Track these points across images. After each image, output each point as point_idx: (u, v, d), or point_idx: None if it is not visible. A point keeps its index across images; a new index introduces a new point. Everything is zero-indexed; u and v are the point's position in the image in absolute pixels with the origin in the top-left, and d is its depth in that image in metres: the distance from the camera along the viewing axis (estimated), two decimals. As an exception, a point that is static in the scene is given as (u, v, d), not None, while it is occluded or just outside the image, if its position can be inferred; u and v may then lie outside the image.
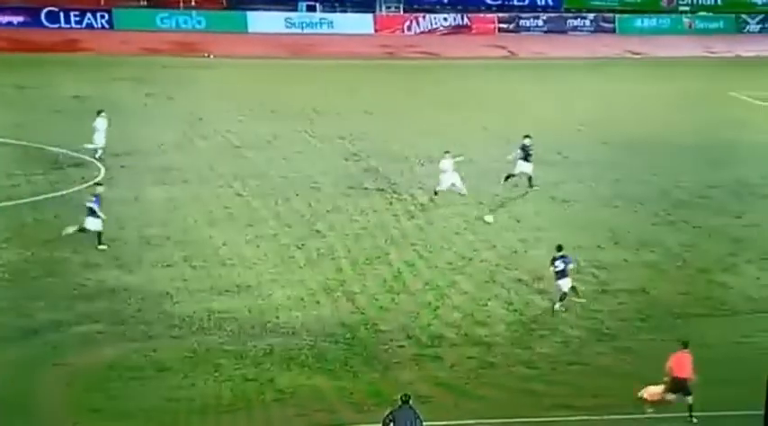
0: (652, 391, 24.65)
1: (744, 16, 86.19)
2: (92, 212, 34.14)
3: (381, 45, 75.65)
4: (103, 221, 34.21)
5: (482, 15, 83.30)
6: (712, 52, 77.10)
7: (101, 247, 34.00)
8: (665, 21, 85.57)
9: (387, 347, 27.95)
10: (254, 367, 26.65)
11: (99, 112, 43.96)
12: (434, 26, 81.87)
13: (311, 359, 27.10)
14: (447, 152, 39.68)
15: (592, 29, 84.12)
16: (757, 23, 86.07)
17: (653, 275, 33.41)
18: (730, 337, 29.23)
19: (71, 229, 34.09)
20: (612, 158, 46.60)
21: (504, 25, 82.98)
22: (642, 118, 54.07)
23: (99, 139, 43.45)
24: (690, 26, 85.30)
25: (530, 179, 41.18)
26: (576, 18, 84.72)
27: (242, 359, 26.98)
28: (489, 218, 37.33)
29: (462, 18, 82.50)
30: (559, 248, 30.88)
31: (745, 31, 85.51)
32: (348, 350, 27.73)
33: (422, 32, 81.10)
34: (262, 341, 27.99)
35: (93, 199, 34.44)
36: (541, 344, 28.47)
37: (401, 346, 28.03)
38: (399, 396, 22.12)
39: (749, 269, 34.20)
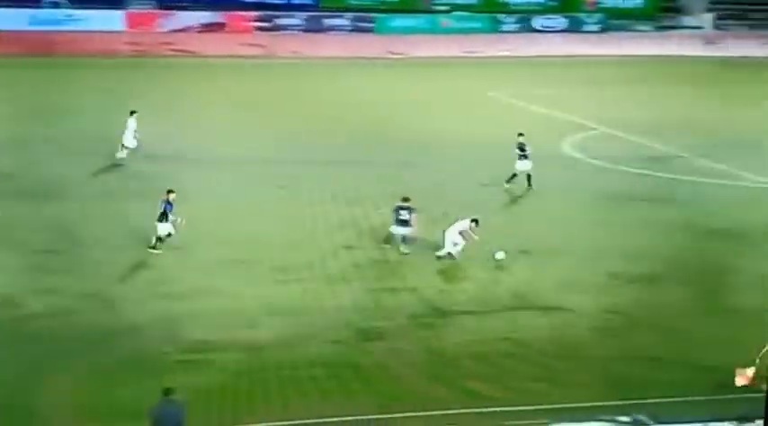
0: (747, 374, 24.94)
1: (500, 16, 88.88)
2: None
3: (133, 42, 74.40)
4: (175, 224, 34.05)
5: (237, 13, 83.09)
6: (469, 52, 79.05)
7: None
8: (423, 20, 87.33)
9: (152, 354, 27.31)
10: None
11: (132, 113, 44.40)
12: (189, 24, 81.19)
13: (70, 367, 26.25)
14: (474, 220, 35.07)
15: (350, 28, 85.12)
16: (513, 23, 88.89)
17: (422, 272, 33.82)
18: (498, 333, 29.77)
19: None
20: (372, 159, 47.09)
21: (261, 23, 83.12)
22: (403, 118, 54.92)
23: (129, 140, 44.22)
24: (446, 26, 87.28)
25: (528, 177, 42.42)
26: (333, 17, 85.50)
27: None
28: (500, 255, 34.51)
29: (217, 16, 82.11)
30: (406, 199, 34.68)
31: (501, 30, 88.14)
32: (108, 357, 26.95)
33: (176, 30, 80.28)
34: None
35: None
36: (311, 346, 28.34)
37: (166, 352, 27.44)
38: (161, 390, 21.56)
39: (515, 264, 35.02)
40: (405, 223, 34.93)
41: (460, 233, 34.53)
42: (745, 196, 43.65)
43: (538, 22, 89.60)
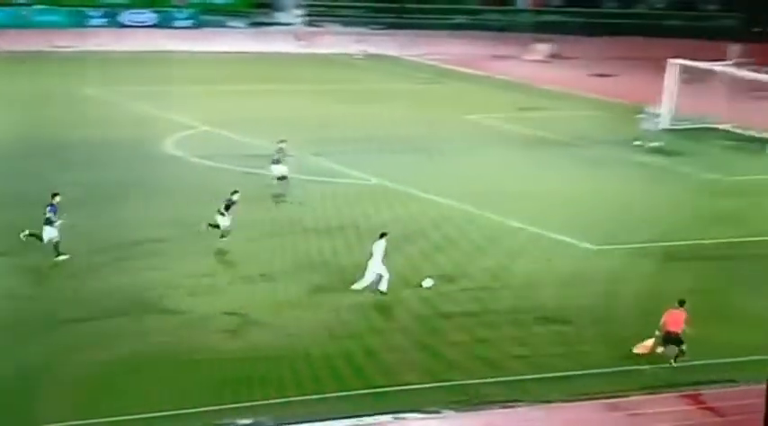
0: (645, 345, 29.11)
1: (86, 10, 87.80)
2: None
3: None
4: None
5: None
6: (58, 47, 77.53)
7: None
8: (3, 13, 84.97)
9: None
10: None
11: None
12: None
13: None
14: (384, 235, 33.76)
15: None
16: (100, 17, 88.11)
17: (31, 280, 33.25)
18: (110, 339, 29.33)
19: None
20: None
21: None
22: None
23: None
24: (27, 18, 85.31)
25: (283, 178, 44.48)
26: None
27: None
28: (428, 283, 34.06)
29: None
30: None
31: (88, 25, 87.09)
32: None
33: None
34: None
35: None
36: None
37: None
38: None
39: (136, 266, 34.76)
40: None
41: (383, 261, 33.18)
42: (350, 192, 45.42)
43: (125, 16, 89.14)
